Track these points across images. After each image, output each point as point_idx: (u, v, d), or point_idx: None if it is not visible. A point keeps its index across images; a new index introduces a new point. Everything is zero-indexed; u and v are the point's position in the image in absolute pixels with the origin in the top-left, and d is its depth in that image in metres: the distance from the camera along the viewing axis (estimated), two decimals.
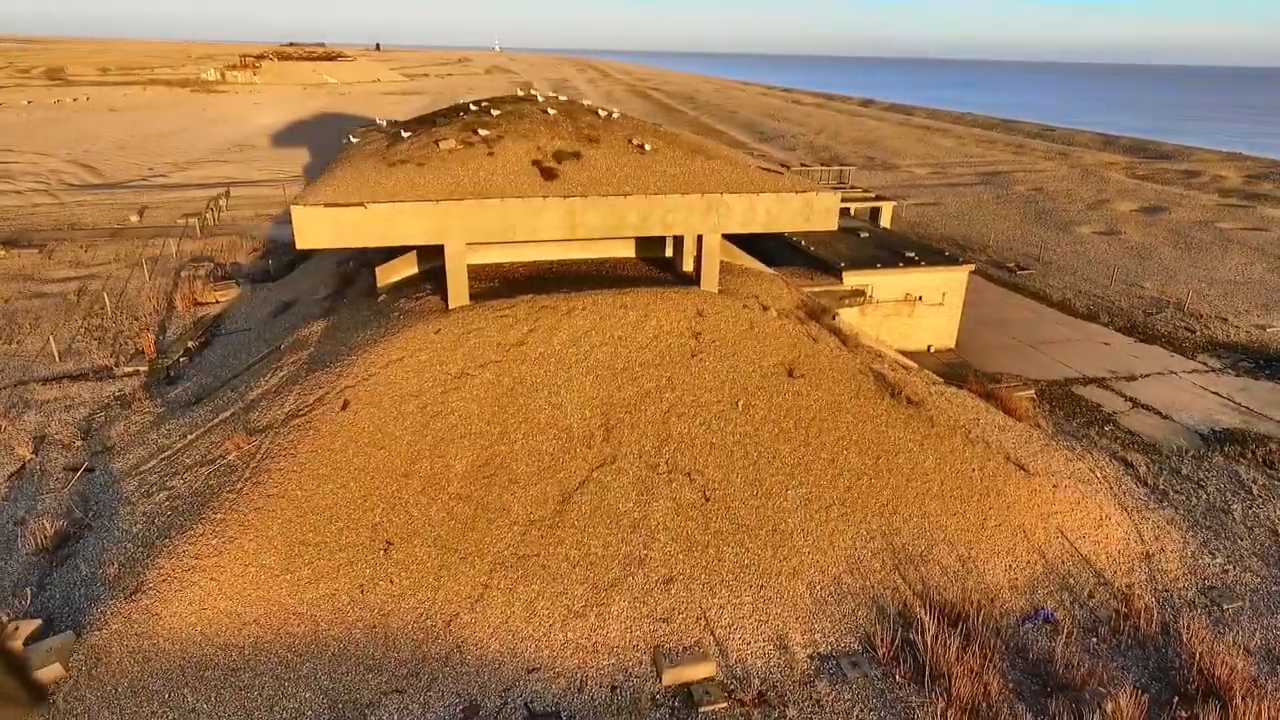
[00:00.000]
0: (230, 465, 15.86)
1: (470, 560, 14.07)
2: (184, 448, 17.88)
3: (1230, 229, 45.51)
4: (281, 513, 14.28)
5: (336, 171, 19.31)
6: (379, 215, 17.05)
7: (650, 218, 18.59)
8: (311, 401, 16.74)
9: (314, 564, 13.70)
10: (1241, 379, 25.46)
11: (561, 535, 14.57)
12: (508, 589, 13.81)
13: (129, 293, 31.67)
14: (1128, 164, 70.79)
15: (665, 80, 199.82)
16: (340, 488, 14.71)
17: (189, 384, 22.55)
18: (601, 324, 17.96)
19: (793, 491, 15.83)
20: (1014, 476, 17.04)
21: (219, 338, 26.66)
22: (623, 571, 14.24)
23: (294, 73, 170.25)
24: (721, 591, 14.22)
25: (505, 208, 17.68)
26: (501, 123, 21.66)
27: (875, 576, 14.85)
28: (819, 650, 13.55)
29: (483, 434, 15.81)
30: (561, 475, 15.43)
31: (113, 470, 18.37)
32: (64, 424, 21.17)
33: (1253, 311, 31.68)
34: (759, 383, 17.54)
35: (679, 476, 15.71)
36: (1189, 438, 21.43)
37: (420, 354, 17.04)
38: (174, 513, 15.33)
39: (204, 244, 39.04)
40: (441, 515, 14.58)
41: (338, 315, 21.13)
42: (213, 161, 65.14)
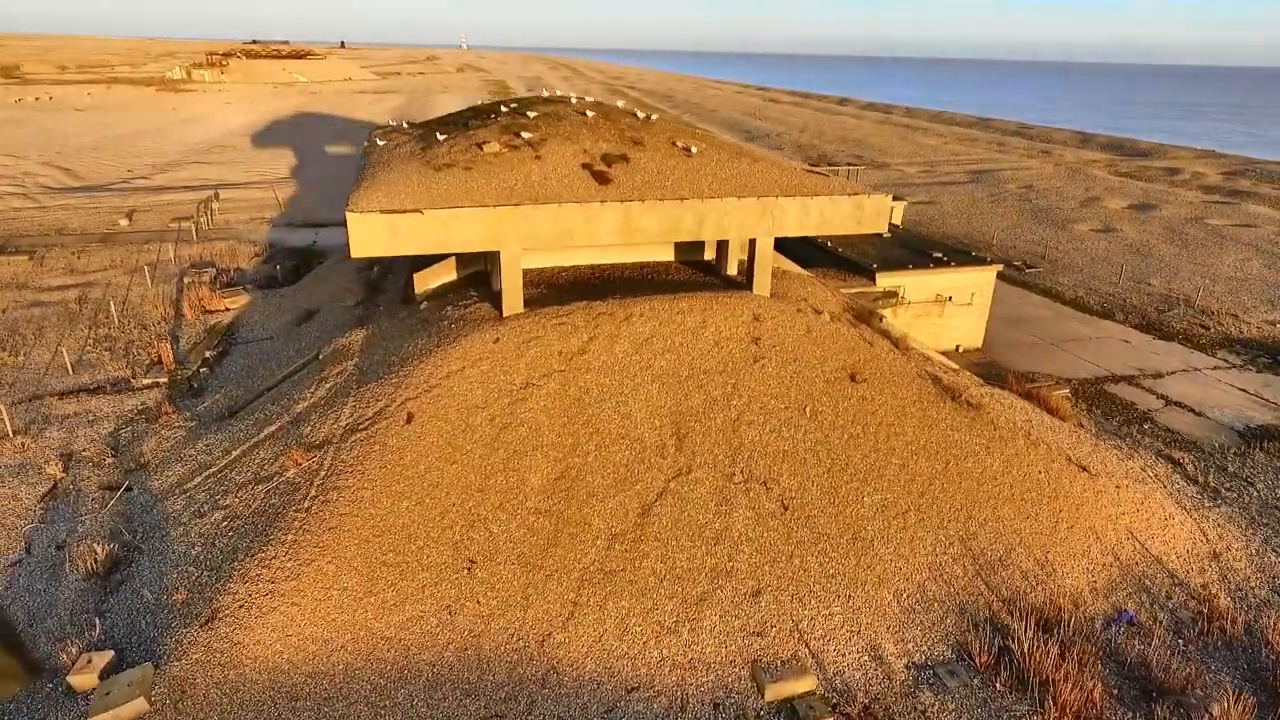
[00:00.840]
0: (292, 483, 15.29)
1: (556, 577, 13.71)
2: (231, 464, 17.23)
3: (1221, 225, 46.51)
4: (358, 532, 13.79)
5: (380, 176, 18.76)
6: (436, 222, 16.58)
7: (706, 221, 18.33)
8: (370, 415, 16.22)
9: (397, 585, 13.24)
10: (1263, 375, 25.93)
11: (645, 549, 14.27)
12: (597, 606, 13.48)
13: (132, 300, 30.62)
14: (1109, 161, 72.12)
15: (639, 79, 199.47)
16: (416, 505, 14.25)
17: (217, 396, 21.80)
18: (661, 330, 17.67)
19: (869, 498, 15.70)
20: (1079, 478, 17.10)
21: (237, 347, 25.87)
22: (711, 585, 13.99)
23: (262, 71, 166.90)
24: (810, 603, 14.04)
25: (562, 213, 17.30)
26: (541, 125, 21.25)
27: (958, 583, 14.78)
28: (913, 660, 13.43)
29: (555, 446, 15.44)
30: (638, 487, 15.12)
31: (152, 489, 17.67)
32: (90, 440, 20.34)
33: (1259, 308, 32.35)
34: (823, 388, 17.38)
35: (755, 486, 15.49)
36: (1227, 435, 21.75)
37: (481, 364, 16.60)
38: (235, 534, 14.73)
39: (201, 249, 37.94)
40: (522, 531, 14.20)
41: (376, 324, 20.55)
42: (194, 163, 63.46)
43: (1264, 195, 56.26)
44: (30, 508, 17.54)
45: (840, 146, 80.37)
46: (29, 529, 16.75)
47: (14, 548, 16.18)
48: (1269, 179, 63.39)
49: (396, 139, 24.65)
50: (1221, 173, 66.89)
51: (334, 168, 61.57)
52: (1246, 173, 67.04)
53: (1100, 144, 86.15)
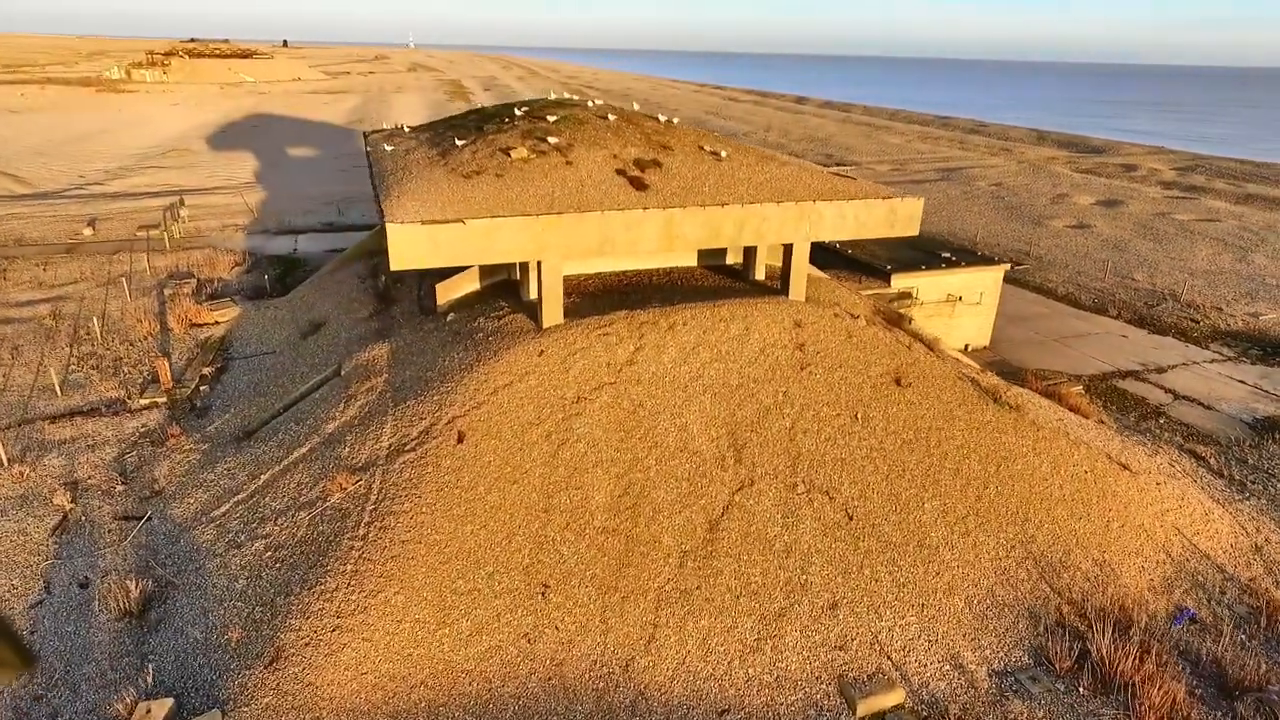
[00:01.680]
0: (340, 509, 14.57)
1: (633, 599, 13.31)
2: (262, 490, 16.39)
3: (1186, 220, 48.10)
4: (423, 559, 13.18)
5: (407, 185, 18.07)
6: (477, 232, 16.00)
7: (745, 227, 18.09)
8: (415, 434, 15.57)
9: (472, 615, 12.68)
10: (1258, 367, 26.78)
11: (718, 565, 13.96)
12: (677, 627, 13.12)
13: (112, 314, 29.10)
14: (1068, 159, 74.14)
15: (595, 78, 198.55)
16: (481, 528, 13.69)
17: (226, 415, 20.78)
18: (706, 339, 17.37)
19: (929, 504, 15.65)
20: (1121, 476, 17.32)
21: (235, 362, 24.74)
22: (787, 600, 13.74)
23: (207, 71, 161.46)
24: (886, 614, 13.90)
25: (604, 221, 16.87)
26: (564, 130, 20.76)
27: (1024, 586, 14.81)
28: (993, 667, 13.39)
29: (614, 461, 15.02)
30: (703, 501, 14.80)
31: (174, 518, 16.72)
32: (95, 466, 19.18)
33: (1240, 301, 33.46)
34: (871, 393, 17.29)
35: (818, 496, 15.30)
36: (1238, 427, 22.35)
37: (529, 378, 16.08)
38: (283, 565, 13.98)
39: (177, 258, 36.32)
40: (593, 552, 13.75)
41: (399, 337, 19.81)
42: (150, 167, 60.90)
43: (1219, 190, 58.42)
44: (41, 543, 16.42)
45: (809, 145, 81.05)
46: (45, 566, 15.67)
47: (32, 588, 15.11)
48: (1220, 175, 65.89)
49: (404, 143, 23.86)
50: (1174, 168, 69.30)
51: (299, 171, 59.75)
52: (1197, 168, 69.58)
53: (1056, 141, 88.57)
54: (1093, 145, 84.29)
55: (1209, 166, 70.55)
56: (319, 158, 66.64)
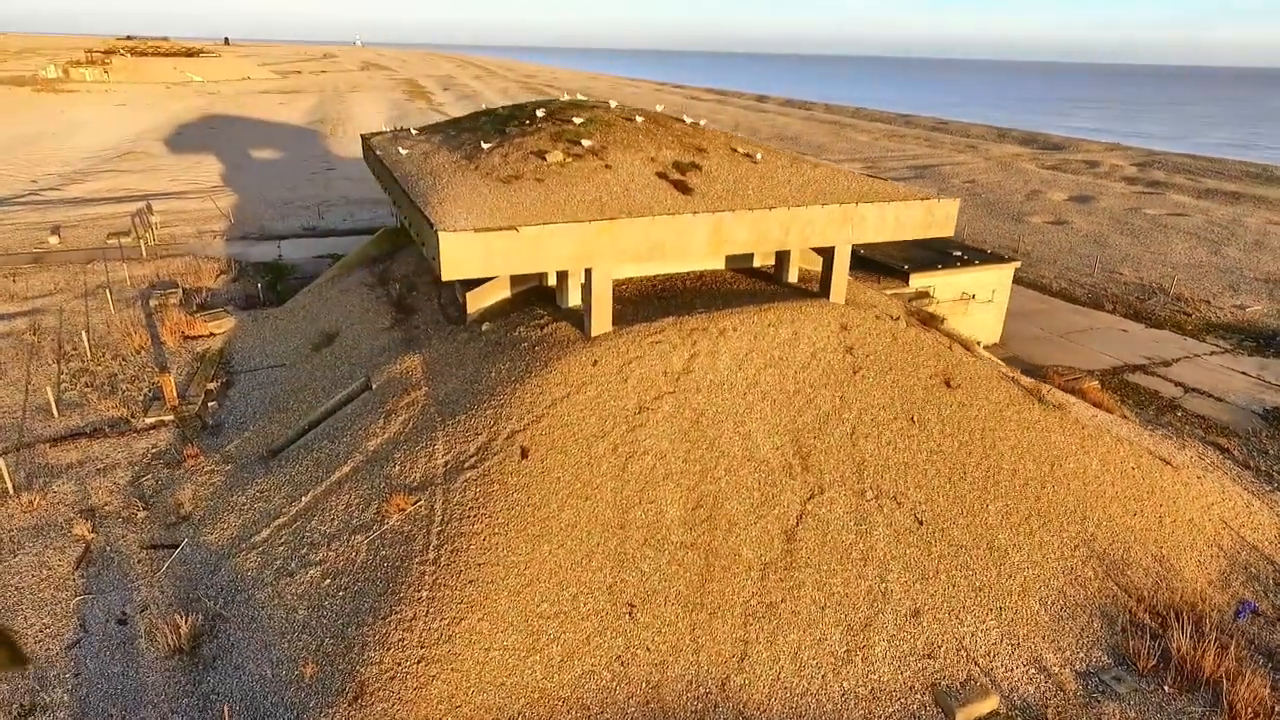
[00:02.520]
0: (401, 531, 13.94)
1: (720, 615, 12.99)
2: (304, 513, 15.62)
3: (1158, 215, 49.58)
4: (504, 583, 12.66)
5: (446, 191, 17.44)
6: (528, 239, 15.48)
7: (791, 230, 17.89)
8: (473, 450, 15.00)
9: (561, 639, 12.22)
10: (1254, 358, 27.61)
11: (800, 577, 13.72)
12: (768, 642, 12.85)
13: (97, 328, 27.65)
14: (1032, 155, 75.93)
15: (554, 77, 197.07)
16: (559, 548, 13.21)
17: (246, 434, 19.83)
18: (757, 344, 17.12)
19: (992, 506, 15.65)
20: (1165, 472, 17.59)
21: (240, 376, 23.70)
22: (871, 609, 13.58)
23: (151, 70, 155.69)
24: (967, 619, 13.83)
25: (655, 226, 16.49)
26: (594, 132, 20.30)
27: (1092, 585, 14.90)
28: (1076, 668, 13.42)
29: (684, 473, 14.67)
30: (776, 511, 14.54)
31: (209, 545, 15.85)
32: (110, 492, 18.11)
33: (1224, 294, 34.54)
34: (923, 396, 17.25)
35: (887, 501, 15.18)
36: (1250, 418, 22.96)
37: (587, 389, 15.62)
38: (346, 593, 13.31)
39: (156, 267, 34.76)
40: (674, 568, 13.39)
41: (430, 348, 19.13)
42: (107, 171, 58.34)
43: (1181, 185, 60.41)
44: (66, 577, 15.41)
45: (779, 144, 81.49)
46: (76, 603, 14.69)
47: (65, 627, 14.14)
48: (1177, 170, 68.16)
49: (418, 146, 23.11)
50: (1133, 164, 71.48)
51: (267, 175, 57.88)
52: (1154, 164, 71.88)
53: (1016, 138, 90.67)
54: (1053, 142, 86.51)
55: (1164, 162, 72.94)
56: (285, 160, 64.68)
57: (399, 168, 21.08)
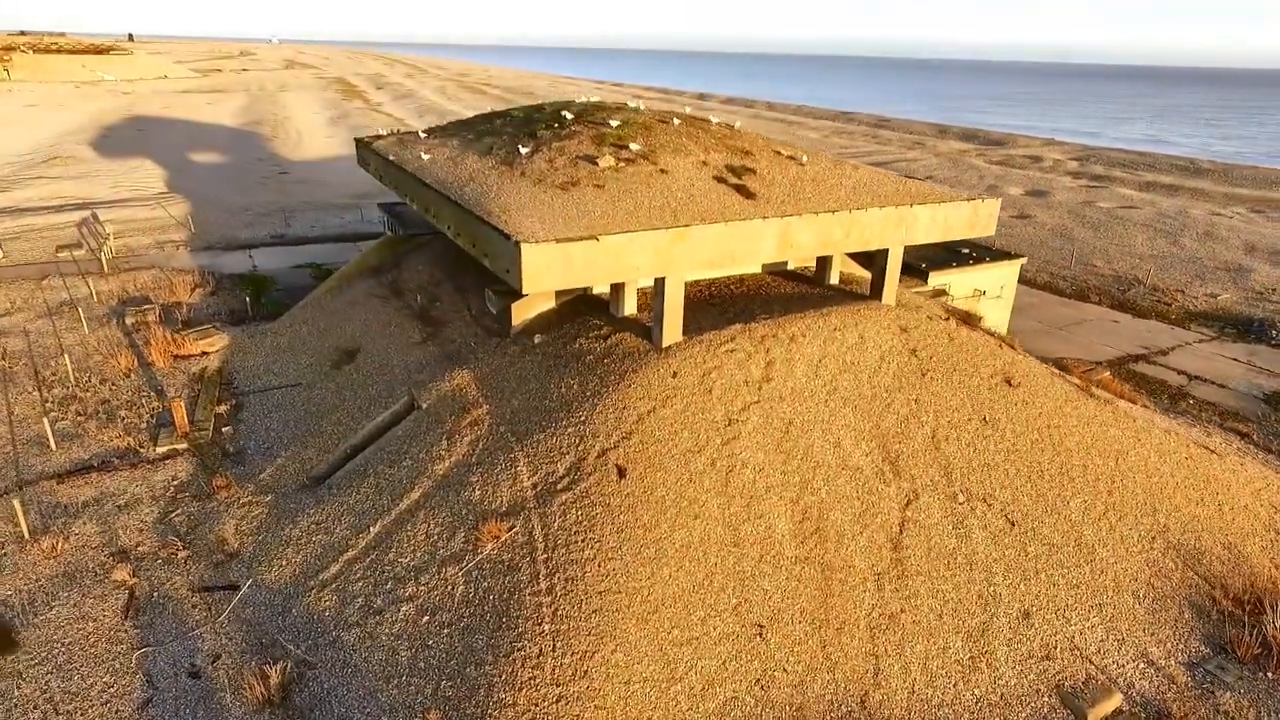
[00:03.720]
0: (501, 561, 13.21)
1: (847, 630, 12.75)
2: (377, 545, 14.70)
3: (1111, 208, 51.79)
4: (630, 610, 12.11)
5: (504, 199, 16.68)
6: (607, 249, 14.90)
7: (852, 233, 17.78)
8: (562, 471, 14.35)
9: (698, 666, 11.76)
10: (1240, 345, 29.02)
11: (914, 585, 13.60)
12: (896, 654, 12.67)
13: (73, 350, 25.59)
14: (978, 151, 78.48)
15: (490, 76, 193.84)
16: (678, 570, 12.73)
17: (279, 460, 18.60)
18: (828, 350, 16.96)
19: (1073, 502, 15.87)
20: (1211, 460, 18.20)
21: (249, 398, 22.29)
22: (985, 614, 13.56)
23: (57, 68, 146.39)
24: (1073, 618, 13.96)
25: (728, 232, 16.12)
26: (634, 134, 19.84)
27: (1174, 577, 15.26)
28: (1180, 660, 13.69)
29: (785, 485, 14.36)
30: (879, 520, 14.39)
31: (270, 584, 14.76)
32: (139, 531, 16.72)
33: (1193, 283, 36.25)
34: (988, 395, 17.39)
35: (978, 504, 15.21)
36: (1255, 403, 24.07)
37: (672, 402, 15.16)
38: (453, 630, 12.54)
39: (122, 281, 32.49)
40: (794, 584, 13.07)
41: (479, 363, 18.29)
42: (35, 178, 54.37)
43: (1122, 179, 63.35)
44: (115, 628, 14.11)
45: None
46: (135, 657, 13.44)
47: (131, 685, 12.92)
48: (1114, 164, 71.48)
49: (438, 151, 22.13)
50: (1072, 159, 74.65)
51: (216, 180, 54.99)
52: (1091, 158, 75.23)
53: (957, 134, 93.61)
54: (993, 138, 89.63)
55: (1100, 156, 76.41)
56: (231, 164, 61.60)
57: (427, 173, 20.11)
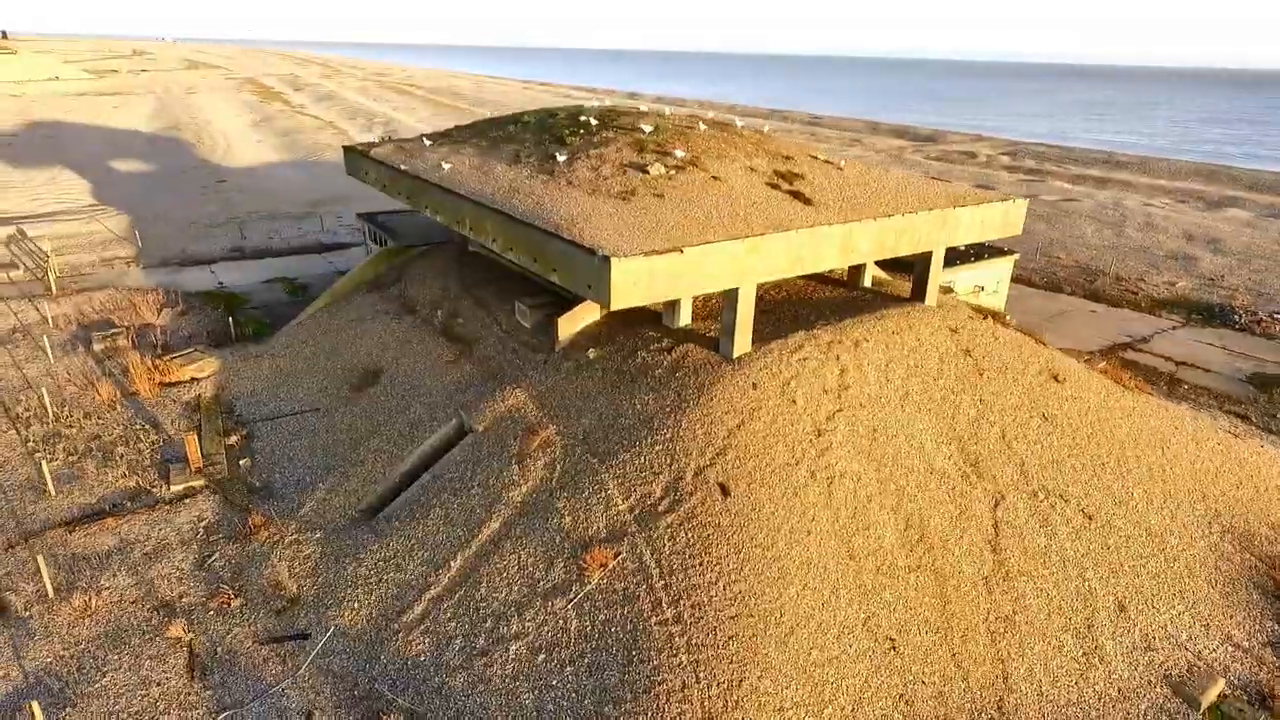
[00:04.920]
0: (614, 590, 12.68)
1: (970, 637, 12.76)
2: (462, 581, 13.91)
3: (1055, 201, 54.22)
4: (766, 634, 11.79)
5: (563, 210, 16.05)
6: (688, 261, 14.51)
7: (903, 237, 17.89)
8: (659, 492, 13.90)
9: (843, 686, 11.54)
10: (1209, 329, 30.74)
11: (1019, 586, 13.74)
12: (1019, 657, 12.76)
13: (42, 381, 23.43)
14: (915, 147, 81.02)
15: (411, 76, 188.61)
16: (804, 588, 12.48)
17: (319, 492, 17.42)
18: (891, 354, 17.01)
19: (1136, 493, 16.38)
20: (1236, 444, 19.13)
21: (258, 426, 20.87)
22: (1087, 610, 13.82)
23: None
24: (1161, 607, 14.39)
25: (797, 239, 15.95)
26: (672, 140, 19.45)
27: (1235, 560, 15.93)
28: (1260, 640, 14.28)
29: (883, 493, 14.30)
30: (974, 523, 14.49)
31: (346, 629, 13.79)
32: (177, 580, 15.38)
33: (1150, 272, 38.25)
34: (1040, 392, 17.79)
35: (1056, 500, 15.52)
36: (1241, 386, 25.50)
37: (758, 414, 14.89)
38: (577, 667, 11.95)
39: (76, 304, 29.98)
40: (912, 593, 13.01)
41: (531, 381, 17.57)
42: None
43: (1054, 172, 66.46)
44: (184, 690, 12.91)
45: None
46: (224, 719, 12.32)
47: None
48: (1043, 158, 74.96)
49: (455, 159, 21.19)
50: (1003, 153, 77.90)
51: (151, 191, 51.58)
52: (1020, 153, 78.69)
53: (888, 131, 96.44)
54: (923, 135, 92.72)
55: (1027, 151, 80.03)
56: (160, 173, 57.90)
57: (458, 184, 19.19)
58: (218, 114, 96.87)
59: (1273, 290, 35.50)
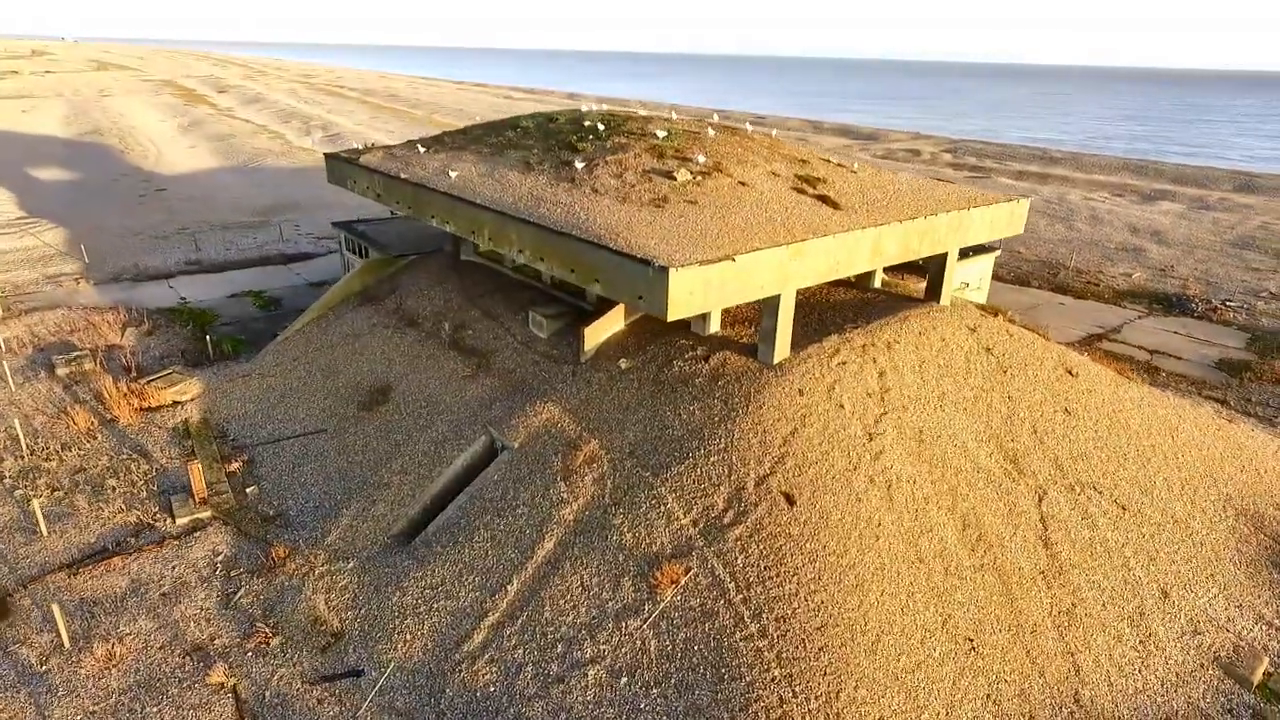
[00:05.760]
0: (691, 607, 12.43)
1: (1040, 632, 12.98)
2: (523, 605, 13.45)
3: None
4: (855, 642, 11.74)
5: (599, 219, 15.70)
6: (738, 269, 14.37)
7: (925, 239, 18.14)
8: (721, 504, 13.72)
9: (934, 690, 11.57)
10: (1170, 318, 32.25)
11: (1074, 579, 14.06)
12: (1085, 649, 13.05)
13: (4, 412, 21.75)
14: (861, 146, 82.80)
15: (340, 78, 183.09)
16: (882, 594, 12.47)
17: (343, 519, 16.62)
18: (921, 355, 17.23)
19: (1157, 479, 16.99)
20: (1233, 429, 20.08)
21: (257, 450, 19.84)
22: (1136, 598, 14.24)
23: None
24: (1199, 590, 14.94)
25: (835, 245, 15.99)
26: (688, 145, 19.29)
27: (1251, 541, 16.67)
28: None
29: (938, 495, 14.43)
30: (1022, 519, 14.76)
31: (402, 662, 13.18)
32: (205, 620, 14.44)
33: (1104, 264, 39.94)
34: (1056, 387, 18.29)
35: (1091, 493, 15.96)
36: (1211, 371, 26.82)
37: (811, 421, 14.85)
38: (663, 689, 11.68)
39: (28, 326, 27.94)
40: (981, 593, 13.16)
41: (561, 395, 17.15)
42: None
43: (997, 169, 68.88)
44: None
45: None
46: None
47: None
48: (983, 155, 77.59)
49: (462, 168, 20.55)
50: (945, 151, 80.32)
51: (81, 199, 48.63)
52: (960, 150, 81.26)
53: (831, 130, 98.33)
54: (865, 133, 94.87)
55: (966, 148, 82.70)
56: (90, 181, 54.68)
57: (471, 191, 18.58)
58: (140, 118, 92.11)
59: (1218, 279, 37.51)
